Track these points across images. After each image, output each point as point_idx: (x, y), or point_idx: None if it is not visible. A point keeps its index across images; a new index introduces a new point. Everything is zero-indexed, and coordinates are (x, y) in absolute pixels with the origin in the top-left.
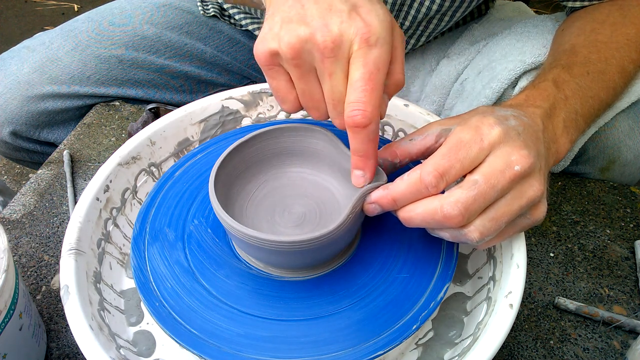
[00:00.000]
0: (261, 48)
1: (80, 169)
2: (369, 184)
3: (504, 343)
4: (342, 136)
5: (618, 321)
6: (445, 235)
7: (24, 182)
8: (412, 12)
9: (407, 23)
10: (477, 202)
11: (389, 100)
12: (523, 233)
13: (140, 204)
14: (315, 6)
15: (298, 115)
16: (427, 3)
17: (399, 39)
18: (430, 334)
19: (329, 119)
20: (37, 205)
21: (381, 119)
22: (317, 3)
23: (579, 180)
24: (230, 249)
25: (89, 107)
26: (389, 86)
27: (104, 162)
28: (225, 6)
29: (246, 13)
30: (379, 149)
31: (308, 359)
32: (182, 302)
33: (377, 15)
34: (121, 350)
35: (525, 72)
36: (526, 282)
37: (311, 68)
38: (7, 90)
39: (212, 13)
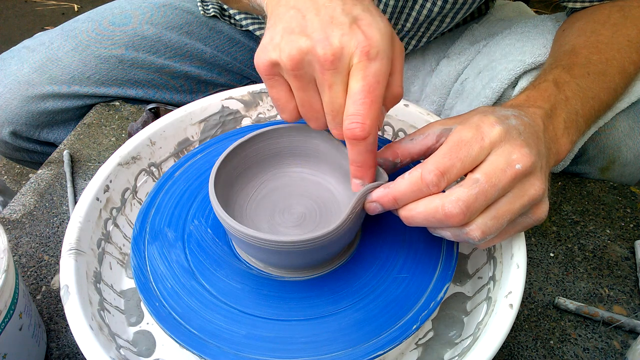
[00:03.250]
0: (262, 58)
1: (80, 169)
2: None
3: (504, 343)
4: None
5: (618, 321)
6: (447, 234)
7: (24, 182)
8: (414, 14)
9: (408, 25)
10: (479, 201)
11: (387, 112)
12: (523, 233)
13: (140, 204)
14: (316, 18)
15: None
16: (428, 5)
17: (398, 50)
18: (430, 334)
19: (328, 129)
20: (37, 205)
21: (378, 130)
22: (319, 14)
23: (579, 180)
24: (230, 249)
25: (89, 107)
26: (387, 98)
27: (104, 162)
28: (225, 6)
29: (246, 13)
30: (379, 149)
31: (308, 359)
32: (182, 302)
33: (378, 28)
34: (121, 350)
35: (525, 72)
36: (526, 282)
37: (311, 79)
38: (7, 90)
39: (212, 13)
